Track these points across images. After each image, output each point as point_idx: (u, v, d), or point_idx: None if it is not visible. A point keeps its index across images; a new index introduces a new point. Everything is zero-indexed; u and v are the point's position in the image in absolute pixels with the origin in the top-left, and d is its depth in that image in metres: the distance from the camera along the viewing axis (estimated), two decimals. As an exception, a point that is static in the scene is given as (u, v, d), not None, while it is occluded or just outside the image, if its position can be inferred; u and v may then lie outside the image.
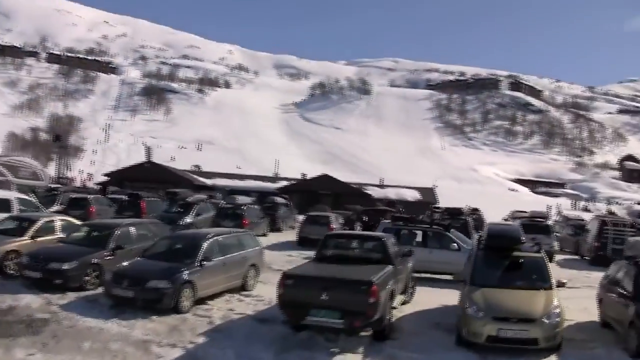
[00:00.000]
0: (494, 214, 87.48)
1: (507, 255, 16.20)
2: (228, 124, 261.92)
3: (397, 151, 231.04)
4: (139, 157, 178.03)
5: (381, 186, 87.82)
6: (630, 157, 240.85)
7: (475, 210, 63.22)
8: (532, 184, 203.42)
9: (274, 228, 44.31)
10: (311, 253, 33.51)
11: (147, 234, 21.55)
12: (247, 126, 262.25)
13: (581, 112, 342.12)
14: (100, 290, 17.90)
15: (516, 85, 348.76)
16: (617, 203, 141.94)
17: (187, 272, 16.62)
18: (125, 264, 17.39)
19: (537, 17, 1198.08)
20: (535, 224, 37.10)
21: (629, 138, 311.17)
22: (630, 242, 18.97)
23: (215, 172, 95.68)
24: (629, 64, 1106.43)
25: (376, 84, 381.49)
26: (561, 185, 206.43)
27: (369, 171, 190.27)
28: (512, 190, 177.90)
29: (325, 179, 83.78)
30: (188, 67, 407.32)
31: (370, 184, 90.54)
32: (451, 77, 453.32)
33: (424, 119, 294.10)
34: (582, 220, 65.31)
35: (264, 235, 40.34)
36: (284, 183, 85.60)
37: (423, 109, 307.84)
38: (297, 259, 29.92)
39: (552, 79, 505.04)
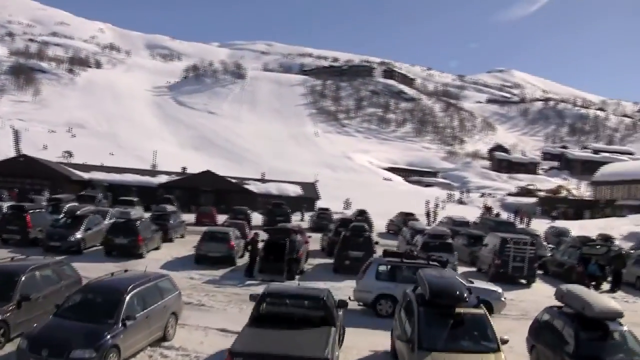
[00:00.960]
0: (376, 210, 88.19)
1: (449, 313, 15.36)
2: (99, 106, 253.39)
3: (271, 137, 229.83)
4: (7, 142, 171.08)
5: (263, 181, 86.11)
6: (499, 147, 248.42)
7: (361, 213, 63.43)
8: (404, 173, 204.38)
9: (166, 239, 42.23)
10: (211, 272, 32.71)
11: (51, 276, 19.19)
12: (119, 109, 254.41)
13: (452, 101, 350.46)
14: (7, 350, 16.35)
15: (389, 73, 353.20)
16: (490, 195, 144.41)
17: (110, 335, 15.03)
18: (39, 326, 15.43)
19: (409, 5, 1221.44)
20: (438, 243, 37.23)
21: (498, 127, 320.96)
22: (562, 290, 18.69)
23: (92, 165, 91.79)
24: (497, 55, 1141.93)
25: (250, 67, 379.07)
26: (433, 174, 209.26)
27: (244, 157, 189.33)
28: (387, 179, 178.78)
29: (207, 176, 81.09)
30: (57, 45, 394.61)
31: (252, 178, 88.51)
32: (325, 63, 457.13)
33: (297, 105, 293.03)
34: (468, 222, 66.53)
35: (157, 248, 39.01)
36: (165, 177, 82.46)
37: (297, 95, 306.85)
38: (199, 282, 29.75)
39: (424, 67, 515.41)
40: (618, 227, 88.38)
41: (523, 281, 35.80)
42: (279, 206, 65.25)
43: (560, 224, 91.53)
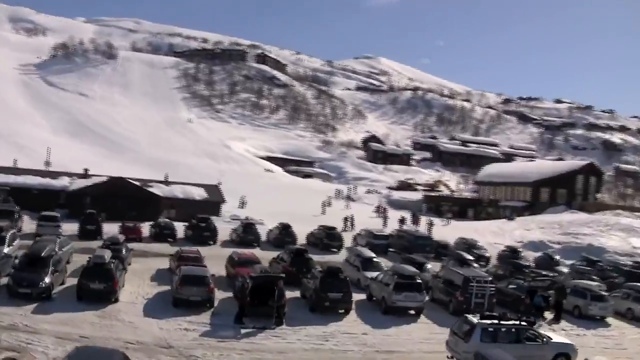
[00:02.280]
0: (271, 210, 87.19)
1: None
2: None
3: (147, 123, 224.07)
4: None
5: (167, 183, 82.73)
6: (373, 138, 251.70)
7: (285, 227, 61.93)
8: (281, 162, 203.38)
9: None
10: (197, 319, 31.88)
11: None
12: None
13: (323, 88, 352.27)
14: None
15: (262, 58, 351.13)
16: (376, 191, 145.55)
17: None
18: None
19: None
20: (410, 283, 37.41)
21: (368, 115, 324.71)
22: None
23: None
24: (364, 41, 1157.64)
25: (119, 46, 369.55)
26: (310, 163, 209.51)
27: (123, 145, 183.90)
28: (269, 170, 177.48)
29: (120, 181, 76.21)
30: None
31: (155, 180, 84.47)
32: (194, 44, 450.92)
33: (171, 89, 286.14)
34: (388, 236, 66.68)
35: (122, 286, 37.01)
36: (66, 180, 76.81)
37: (170, 78, 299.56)
38: (195, 335, 30.85)
39: (293, 52, 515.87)
40: (510, 232, 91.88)
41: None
42: (205, 221, 62.08)
43: (458, 226, 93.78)
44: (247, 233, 61.28)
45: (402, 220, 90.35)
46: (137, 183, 77.13)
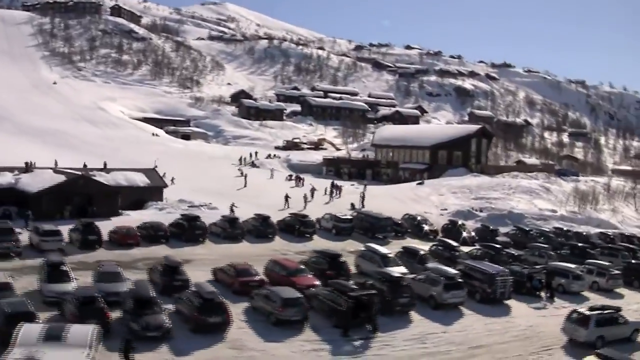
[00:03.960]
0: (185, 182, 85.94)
1: None
2: None
3: (12, 86, 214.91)
4: None
5: (107, 170, 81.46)
6: (243, 92, 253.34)
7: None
8: (158, 123, 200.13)
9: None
10: (307, 338, 35.97)
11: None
12: None
13: (178, 39, 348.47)
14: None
15: (117, 10, 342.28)
16: (275, 156, 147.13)
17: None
18: None
19: None
20: (455, 282, 45.25)
21: (226, 67, 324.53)
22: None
23: None
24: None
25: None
26: (186, 122, 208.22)
27: None
28: (155, 135, 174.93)
29: (80, 180, 70.05)
30: None
31: (96, 168, 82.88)
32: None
33: (28, 47, 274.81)
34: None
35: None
36: (9, 175, 69.12)
37: (25, 35, 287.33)
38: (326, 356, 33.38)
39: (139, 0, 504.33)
40: (427, 198, 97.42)
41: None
42: (197, 219, 61.38)
43: (377, 193, 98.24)
44: (233, 227, 61.65)
45: (298, 179, 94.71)
46: (68, 170, 75.12)
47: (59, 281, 39.31)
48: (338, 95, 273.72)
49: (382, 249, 53.59)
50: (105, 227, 58.71)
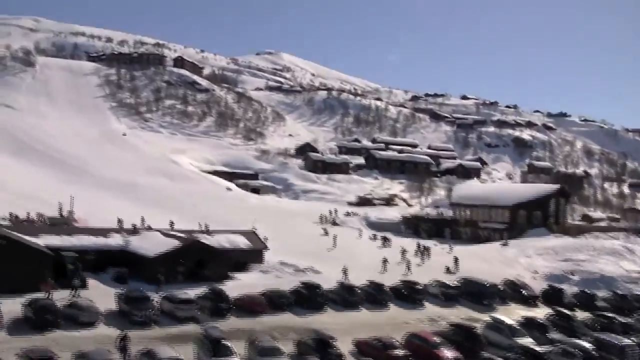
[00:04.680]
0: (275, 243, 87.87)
1: None
2: None
3: (84, 137, 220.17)
4: None
5: (209, 233, 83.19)
6: (308, 145, 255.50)
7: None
8: (227, 176, 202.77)
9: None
10: None
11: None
12: None
13: (239, 90, 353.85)
14: None
15: (180, 61, 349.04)
16: (354, 214, 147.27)
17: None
18: None
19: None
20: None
21: (287, 117, 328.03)
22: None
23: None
24: (264, 36, 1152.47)
25: (18, 45, 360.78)
26: (254, 175, 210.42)
27: (73, 166, 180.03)
28: (229, 189, 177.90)
29: (195, 245, 70.81)
30: None
31: (197, 230, 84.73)
32: (99, 43, 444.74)
33: (96, 97, 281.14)
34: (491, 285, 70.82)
35: None
36: (118, 237, 72.87)
37: (93, 86, 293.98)
38: None
39: (197, 49, 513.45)
40: (515, 260, 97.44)
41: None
42: (316, 288, 61.73)
43: (462, 253, 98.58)
44: (351, 295, 62.20)
45: (421, 252, 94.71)
46: (182, 235, 76.95)
47: (223, 355, 40.51)
48: (399, 147, 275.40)
49: (508, 320, 54.34)
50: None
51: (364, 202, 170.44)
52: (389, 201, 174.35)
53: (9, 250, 58.14)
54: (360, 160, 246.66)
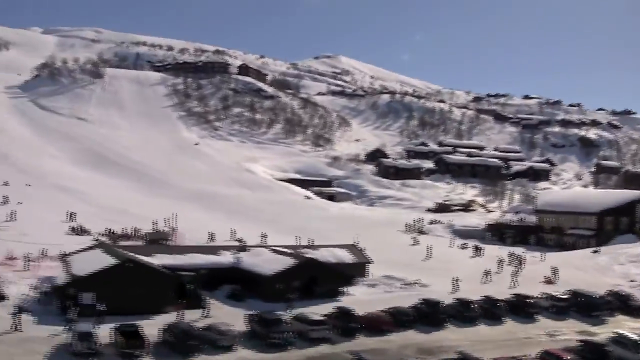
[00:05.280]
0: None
1: None
2: None
3: (158, 148, 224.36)
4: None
5: (314, 247, 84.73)
6: (378, 151, 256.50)
7: None
8: (301, 183, 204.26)
9: None
10: None
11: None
12: None
13: (303, 96, 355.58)
14: None
15: (245, 69, 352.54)
16: (438, 222, 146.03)
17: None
18: None
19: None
20: None
21: (352, 122, 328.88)
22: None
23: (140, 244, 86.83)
24: (320, 39, 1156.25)
25: (81, 57, 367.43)
26: (328, 182, 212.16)
27: (151, 177, 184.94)
28: (308, 197, 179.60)
29: (310, 262, 72.05)
30: None
31: (302, 245, 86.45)
32: (160, 52, 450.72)
33: (164, 107, 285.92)
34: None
35: None
36: (228, 255, 74.89)
37: (160, 96, 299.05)
38: None
39: (257, 55, 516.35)
40: (609, 268, 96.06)
41: None
42: (438, 304, 61.95)
43: (554, 262, 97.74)
44: (468, 310, 62.22)
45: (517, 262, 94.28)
46: (285, 250, 78.56)
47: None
48: (467, 150, 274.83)
49: (634, 335, 54.38)
50: (329, 308, 60.68)
51: (442, 208, 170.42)
52: (466, 207, 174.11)
53: (135, 273, 59.76)
54: (429, 164, 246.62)
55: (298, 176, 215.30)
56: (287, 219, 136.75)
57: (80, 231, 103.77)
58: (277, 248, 79.46)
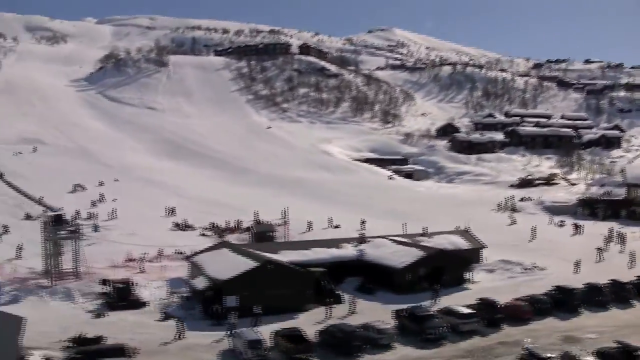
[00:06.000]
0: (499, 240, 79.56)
1: None
2: (36, 112, 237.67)
3: (232, 133, 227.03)
4: None
5: (429, 235, 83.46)
6: (450, 126, 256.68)
7: None
8: (378, 163, 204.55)
9: None
10: None
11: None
12: (57, 113, 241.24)
13: (365, 72, 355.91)
14: None
15: (306, 49, 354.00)
16: (528, 198, 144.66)
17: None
18: None
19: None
20: None
21: (415, 96, 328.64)
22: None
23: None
24: (372, 12, 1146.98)
25: (135, 46, 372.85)
26: (404, 160, 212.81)
27: (231, 164, 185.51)
28: (391, 178, 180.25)
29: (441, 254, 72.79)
30: None
31: (418, 233, 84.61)
32: (216, 35, 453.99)
33: (231, 92, 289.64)
34: None
35: None
36: (349, 247, 76.71)
37: (226, 80, 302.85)
38: None
39: (312, 32, 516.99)
40: None
41: None
42: (573, 291, 61.77)
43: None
44: (598, 294, 61.87)
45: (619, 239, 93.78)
46: (405, 239, 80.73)
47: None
48: (534, 120, 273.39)
49: None
50: (463, 297, 62.22)
51: (525, 183, 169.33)
52: (548, 181, 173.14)
53: (275, 273, 61.54)
54: (499, 136, 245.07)
55: (374, 155, 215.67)
56: (376, 202, 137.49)
57: (184, 227, 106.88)
58: (396, 238, 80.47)
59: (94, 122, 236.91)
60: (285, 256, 69.74)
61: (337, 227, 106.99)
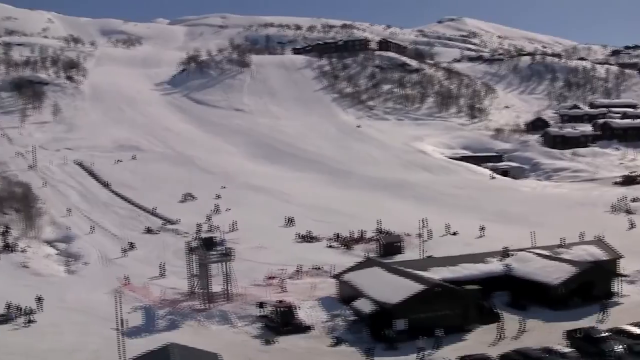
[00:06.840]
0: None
1: None
2: (127, 118, 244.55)
3: (323, 134, 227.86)
4: (82, 181, 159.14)
5: (567, 246, 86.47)
6: (540, 120, 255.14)
7: None
8: (473, 160, 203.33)
9: None
10: None
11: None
12: (149, 119, 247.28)
13: (445, 66, 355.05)
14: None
15: (385, 44, 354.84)
16: (637, 199, 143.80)
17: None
18: None
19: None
20: None
21: (496, 88, 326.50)
22: None
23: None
24: (441, 2, 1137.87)
25: (210, 46, 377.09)
26: (499, 157, 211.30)
27: (325, 165, 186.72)
28: (493, 177, 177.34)
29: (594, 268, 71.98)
30: (20, 44, 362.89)
31: (554, 245, 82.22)
32: (290, 32, 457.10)
33: (315, 91, 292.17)
34: None
35: None
36: (495, 262, 75.92)
37: (309, 79, 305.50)
38: None
39: (384, 25, 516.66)
40: None
41: None
42: None
43: None
44: None
45: None
46: (547, 252, 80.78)
47: None
48: (621, 110, 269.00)
49: None
50: (620, 313, 61.49)
51: (629, 180, 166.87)
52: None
53: (441, 295, 62.23)
54: (586, 128, 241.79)
55: (467, 152, 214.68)
56: (484, 204, 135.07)
57: (309, 238, 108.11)
58: (538, 251, 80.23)
59: (185, 126, 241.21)
60: (436, 273, 69.95)
61: (454, 234, 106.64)
